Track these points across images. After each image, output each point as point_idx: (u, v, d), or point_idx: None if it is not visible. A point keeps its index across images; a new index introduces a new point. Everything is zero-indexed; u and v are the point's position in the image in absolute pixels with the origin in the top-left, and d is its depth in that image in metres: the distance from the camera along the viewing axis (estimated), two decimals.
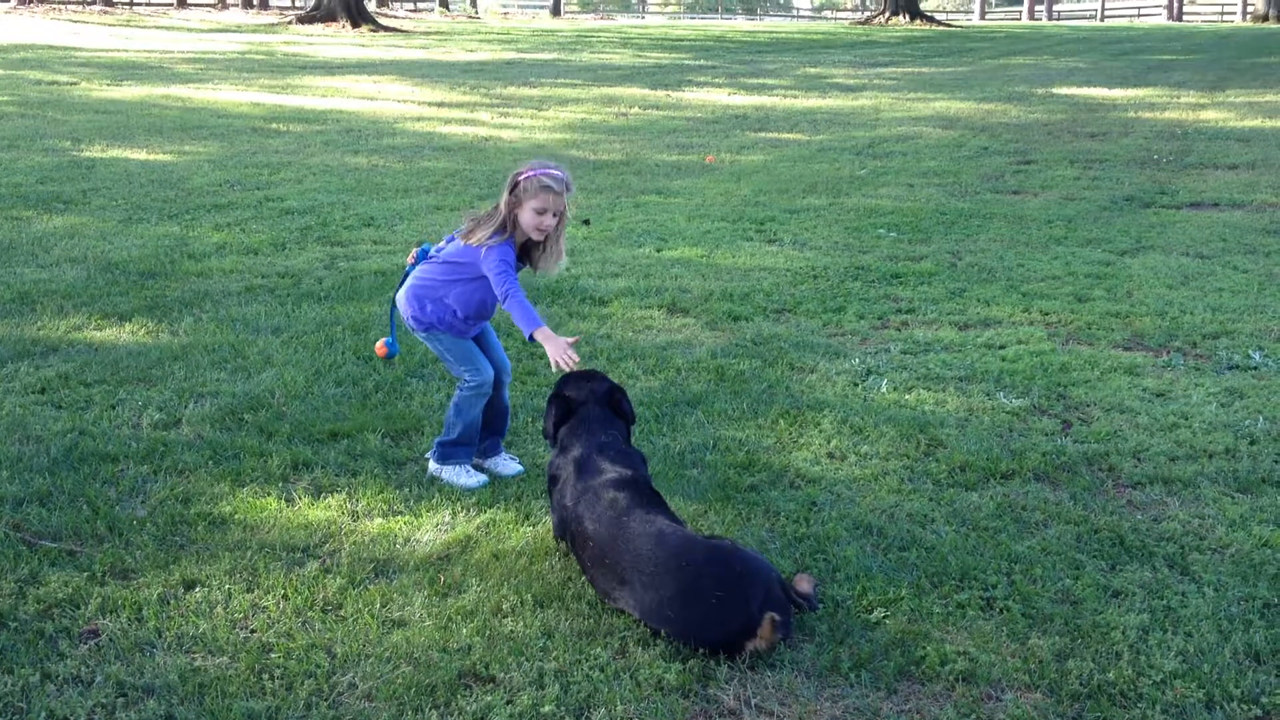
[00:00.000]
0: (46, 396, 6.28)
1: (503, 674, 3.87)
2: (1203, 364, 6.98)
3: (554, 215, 5.06)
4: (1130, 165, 14.37)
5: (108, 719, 3.62)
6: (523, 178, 5.04)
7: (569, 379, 5.00)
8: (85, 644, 4.01)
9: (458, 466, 5.37)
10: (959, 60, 32.16)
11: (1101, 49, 36.50)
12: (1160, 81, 24.77)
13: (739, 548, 4.18)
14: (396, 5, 65.59)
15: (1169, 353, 7.19)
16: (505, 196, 5.08)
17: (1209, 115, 19.12)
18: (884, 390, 6.54)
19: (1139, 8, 72.17)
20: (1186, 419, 6.09)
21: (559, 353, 4.84)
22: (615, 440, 4.73)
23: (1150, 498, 5.22)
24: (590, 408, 4.84)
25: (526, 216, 5.04)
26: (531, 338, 4.95)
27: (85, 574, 4.43)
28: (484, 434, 5.51)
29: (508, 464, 5.55)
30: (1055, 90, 23.24)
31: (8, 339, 7.20)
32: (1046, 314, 8.02)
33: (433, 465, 5.40)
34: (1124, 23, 63.87)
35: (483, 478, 5.36)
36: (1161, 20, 66.18)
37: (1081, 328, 7.70)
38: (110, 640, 4.03)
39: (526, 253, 5.22)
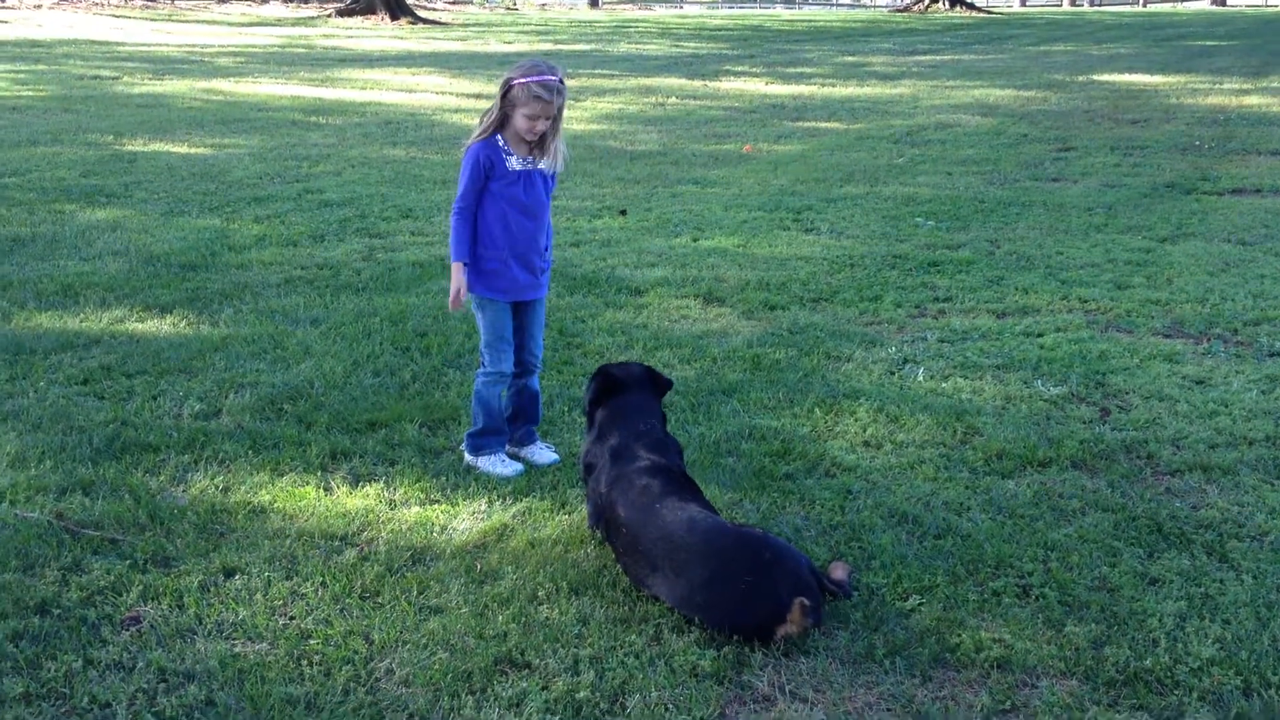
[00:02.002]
0: (89, 387, 6.36)
1: (538, 660, 3.90)
2: (1244, 351, 6.92)
3: (545, 120, 5.05)
4: (1172, 152, 14.23)
5: (149, 704, 3.67)
6: (516, 84, 5.01)
7: (608, 365, 5.07)
8: (127, 630, 4.07)
9: (491, 456, 5.38)
10: (999, 47, 31.94)
11: (1143, 35, 36.15)
12: (1203, 67, 24.51)
13: (769, 535, 4.19)
14: None
15: (1209, 340, 7.13)
16: (497, 101, 5.09)
17: (1252, 101, 18.90)
18: (920, 378, 6.52)
19: None
20: (1226, 406, 6.04)
21: (454, 292, 5.19)
22: (652, 429, 4.75)
23: (1189, 485, 5.18)
24: (629, 394, 4.85)
25: (519, 122, 5.05)
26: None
27: (127, 562, 4.49)
28: (518, 422, 5.53)
29: (543, 453, 5.56)
30: (1096, 77, 23.04)
31: (51, 330, 7.29)
32: (1085, 301, 7.97)
33: (468, 457, 5.42)
34: (1166, 8, 63.18)
35: (518, 466, 5.37)
36: (1205, 5, 65.44)
37: (1121, 315, 7.65)
38: (152, 627, 4.08)
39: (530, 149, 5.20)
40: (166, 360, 6.76)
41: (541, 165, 5.20)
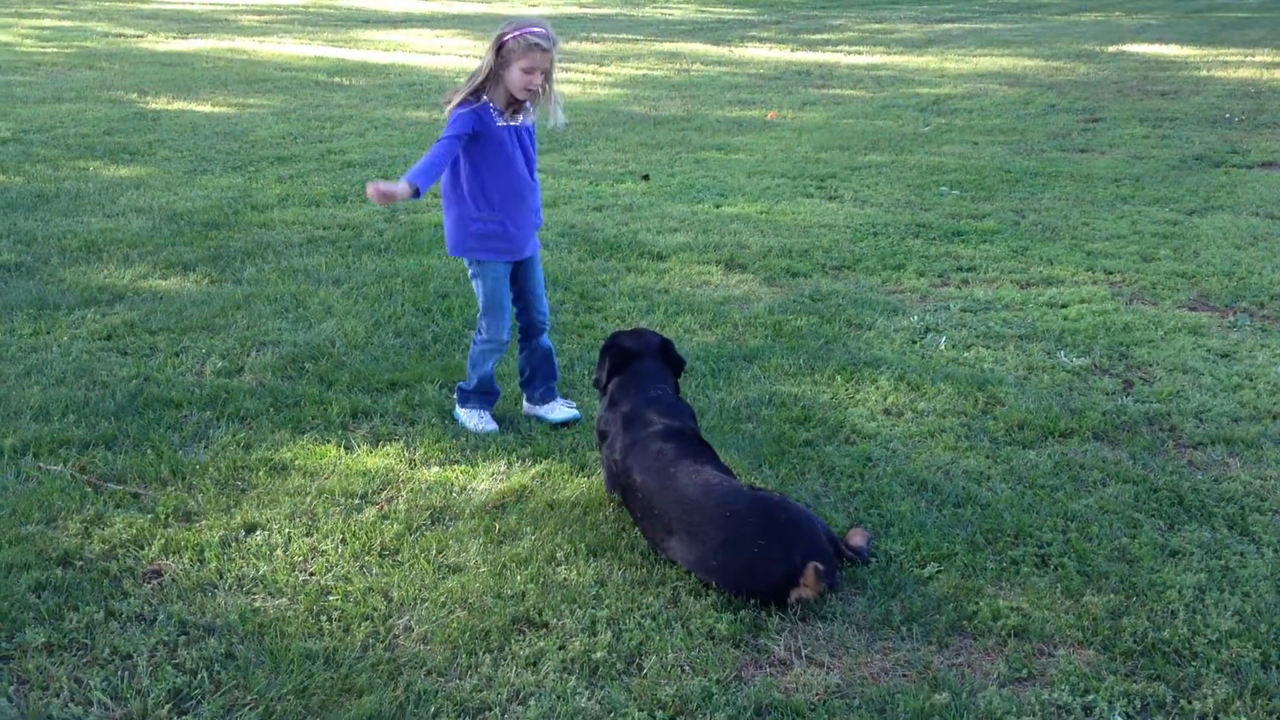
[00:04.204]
0: (112, 343, 6.39)
1: (556, 620, 3.91)
2: (1269, 325, 6.87)
3: (542, 74, 4.98)
4: (1201, 124, 14.09)
5: (170, 656, 3.70)
6: (509, 38, 4.93)
7: (621, 333, 5.05)
8: (148, 583, 4.10)
9: (472, 410, 5.46)
10: (1027, 16, 31.62)
11: (1174, 6, 35.73)
12: (1234, 40, 24.23)
13: (785, 500, 4.20)
14: None
15: (1235, 313, 7.08)
16: (490, 57, 4.97)
17: None
18: (942, 348, 6.49)
19: None
20: (1251, 380, 6.00)
21: (385, 189, 4.82)
22: (664, 394, 4.74)
23: (1211, 458, 5.16)
24: (642, 361, 4.85)
25: (514, 76, 4.96)
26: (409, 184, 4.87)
27: (149, 516, 4.53)
28: (536, 382, 5.56)
29: (563, 410, 5.60)
30: (1126, 47, 22.81)
31: (75, 286, 7.32)
32: (1111, 273, 7.92)
33: (457, 408, 5.50)
34: None
35: (493, 426, 5.41)
36: None
37: (1146, 287, 7.60)
38: (173, 580, 4.12)
39: (512, 106, 5.11)
40: (189, 317, 6.78)
41: (526, 120, 5.17)
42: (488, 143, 5.09)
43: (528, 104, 5.13)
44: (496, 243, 5.22)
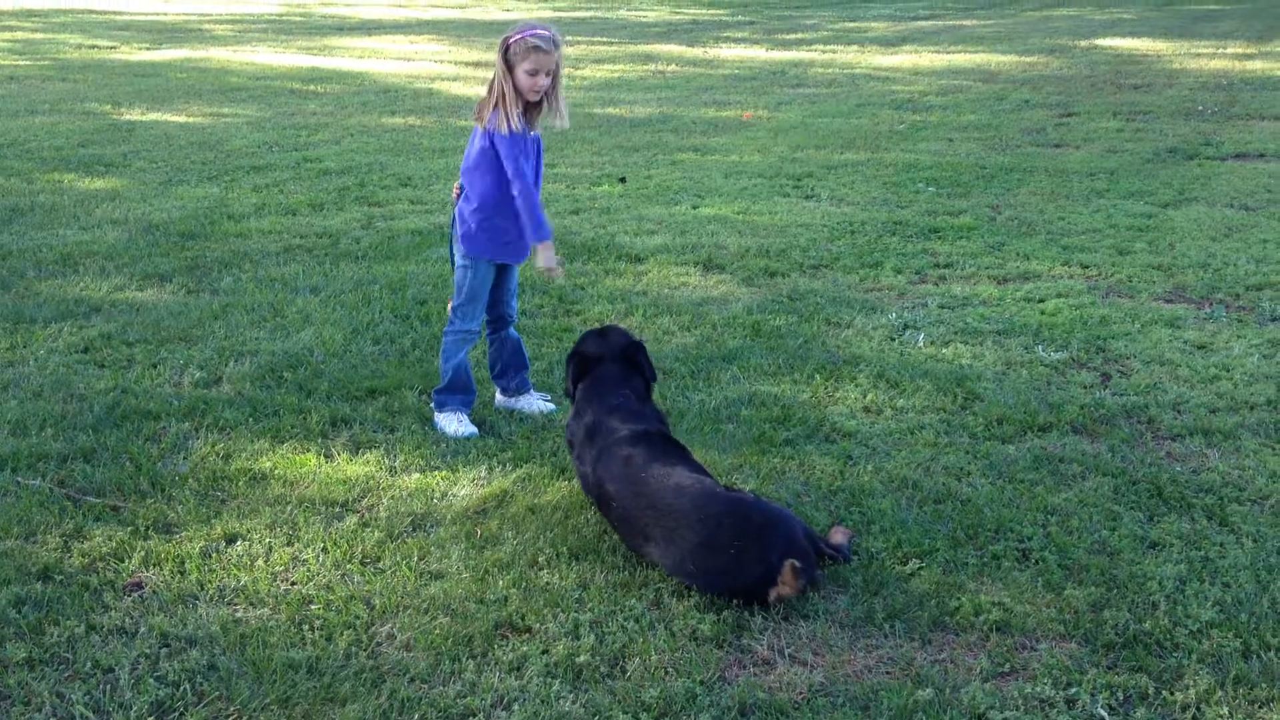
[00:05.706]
0: (89, 355, 6.36)
1: (539, 625, 3.91)
2: (1245, 316, 6.91)
3: (546, 74, 5.13)
4: (1174, 117, 14.17)
5: (151, 669, 3.68)
6: (512, 41, 5.11)
7: (588, 336, 5.04)
8: (129, 596, 4.08)
9: (450, 414, 5.48)
10: (1000, 13, 31.74)
11: (1146, 0, 35.91)
12: (1206, 32, 24.37)
13: (760, 500, 4.20)
14: None
15: (1211, 305, 7.12)
16: (499, 64, 5.14)
17: (1255, 66, 18.81)
18: (921, 344, 6.51)
19: None
20: (1228, 371, 6.04)
21: (550, 264, 5.25)
22: (627, 401, 4.69)
23: (1189, 449, 5.19)
24: (605, 366, 4.82)
25: (521, 79, 5.12)
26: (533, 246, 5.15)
27: (129, 529, 4.50)
28: (510, 374, 5.67)
29: (538, 403, 5.67)
30: (1098, 42, 22.91)
31: (51, 299, 7.28)
32: (1087, 267, 7.95)
33: (435, 414, 5.51)
34: None
35: (472, 429, 5.42)
36: None
37: (1122, 280, 7.63)
38: (153, 593, 4.10)
39: (528, 113, 5.25)
40: (166, 328, 6.76)
41: (536, 131, 5.32)
42: (524, 155, 5.24)
43: (549, 105, 5.25)
44: (512, 248, 5.41)
